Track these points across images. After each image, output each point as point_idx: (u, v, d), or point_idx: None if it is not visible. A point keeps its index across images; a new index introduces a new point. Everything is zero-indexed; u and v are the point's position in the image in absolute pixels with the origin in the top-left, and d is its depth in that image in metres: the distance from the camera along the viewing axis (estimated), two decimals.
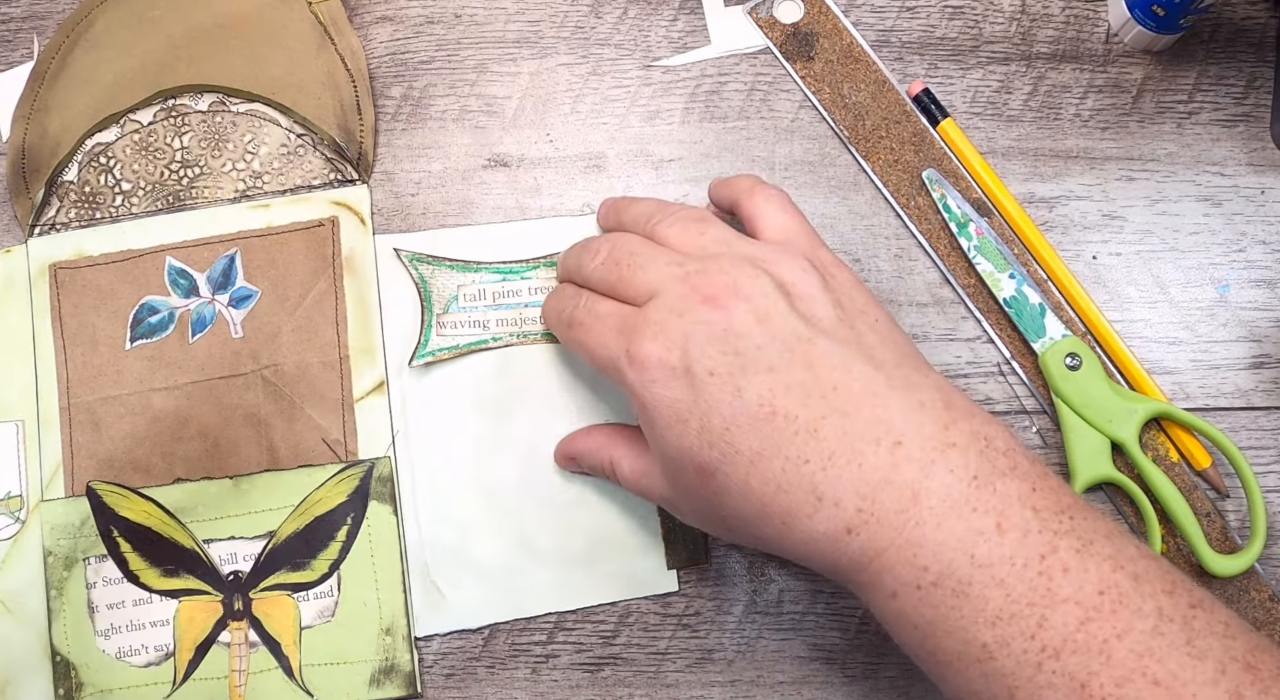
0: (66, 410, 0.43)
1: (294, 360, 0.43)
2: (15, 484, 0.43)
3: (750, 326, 0.32)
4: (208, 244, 0.44)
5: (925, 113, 0.45)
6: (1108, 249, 0.44)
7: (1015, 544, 0.30)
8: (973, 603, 0.30)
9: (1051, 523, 0.30)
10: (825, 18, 0.46)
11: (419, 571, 0.42)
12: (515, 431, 0.43)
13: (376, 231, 0.45)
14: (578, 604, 0.42)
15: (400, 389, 0.43)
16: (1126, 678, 0.28)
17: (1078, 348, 0.41)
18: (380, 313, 0.44)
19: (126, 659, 0.41)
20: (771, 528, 0.32)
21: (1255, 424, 0.42)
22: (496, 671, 0.42)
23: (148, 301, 0.44)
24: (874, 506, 0.31)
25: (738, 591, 0.42)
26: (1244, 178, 0.44)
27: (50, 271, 0.44)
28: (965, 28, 0.46)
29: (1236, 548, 0.41)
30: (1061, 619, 0.29)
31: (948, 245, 0.44)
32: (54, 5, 0.48)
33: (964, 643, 0.30)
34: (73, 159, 0.45)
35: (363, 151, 0.45)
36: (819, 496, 0.31)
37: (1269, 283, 0.43)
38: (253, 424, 0.43)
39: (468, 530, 0.42)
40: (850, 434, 0.31)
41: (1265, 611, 0.40)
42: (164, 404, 0.43)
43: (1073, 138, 0.45)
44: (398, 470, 0.42)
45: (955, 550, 0.30)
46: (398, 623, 0.41)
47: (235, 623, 0.42)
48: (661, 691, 0.41)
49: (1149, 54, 0.46)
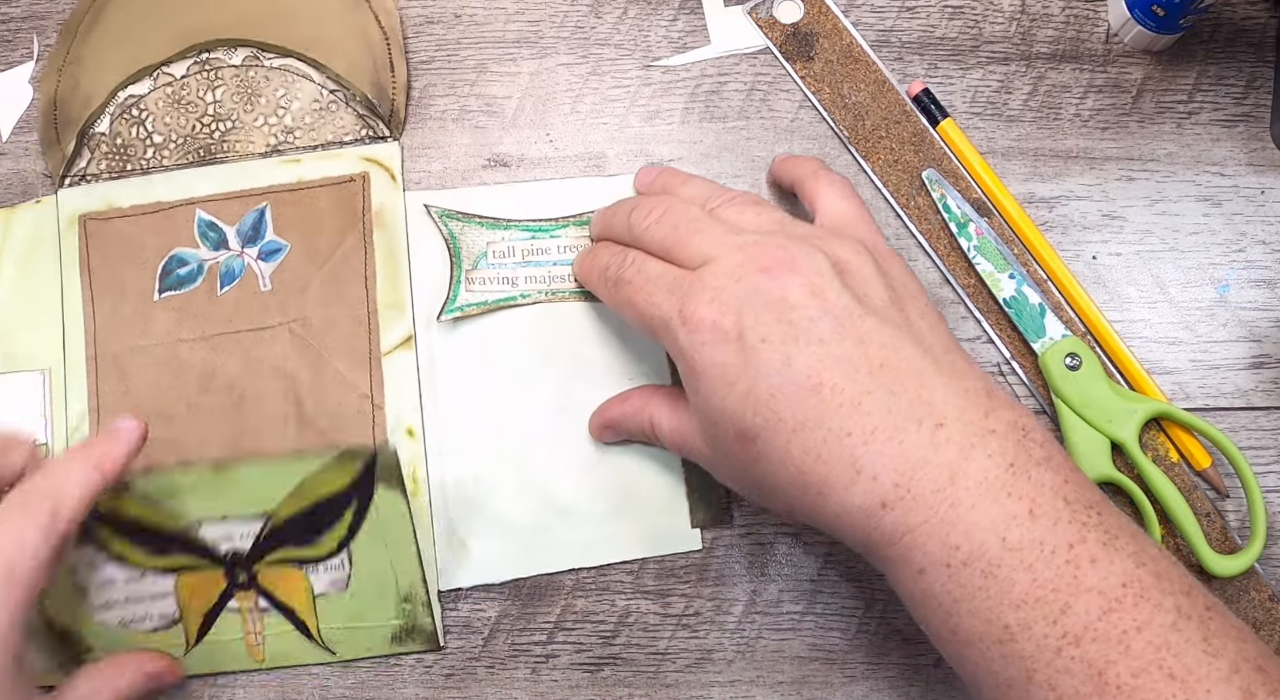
0: (93, 360, 0.44)
1: (322, 314, 0.43)
2: (42, 432, 0.43)
3: (804, 299, 0.33)
4: (238, 197, 0.45)
5: (925, 113, 0.45)
6: (1108, 249, 0.44)
7: (1046, 530, 0.30)
8: (1000, 584, 0.30)
9: (1081, 515, 0.31)
10: (825, 18, 0.46)
11: (443, 525, 0.42)
12: (542, 389, 0.43)
13: (407, 188, 0.45)
14: (601, 561, 0.42)
15: (428, 344, 0.43)
16: (1143, 669, 0.28)
17: (1078, 348, 0.41)
18: (409, 268, 0.44)
19: (133, 626, 0.41)
20: (808, 497, 0.32)
21: (1255, 424, 0.42)
22: (496, 671, 0.42)
23: (177, 253, 0.44)
24: (911, 483, 0.31)
25: (738, 591, 0.42)
26: (1244, 178, 0.44)
27: (80, 222, 0.45)
28: (965, 28, 0.46)
29: (1236, 548, 0.41)
30: (1084, 607, 0.29)
31: (948, 245, 0.44)
32: (54, 5, 0.48)
33: (987, 623, 0.30)
34: (105, 111, 0.46)
35: (394, 108, 0.45)
36: (858, 469, 0.31)
37: (1269, 283, 0.43)
38: (280, 377, 0.43)
39: (493, 486, 0.42)
40: (894, 412, 0.32)
41: (1265, 611, 0.40)
42: (191, 355, 0.43)
43: (1073, 138, 0.45)
44: (425, 424, 0.43)
45: (987, 532, 0.30)
46: (416, 591, 0.41)
47: (242, 592, 0.41)
48: (661, 691, 0.41)
49: (1149, 54, 0.46)
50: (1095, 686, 0.29)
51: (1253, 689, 0.28)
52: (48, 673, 0.41)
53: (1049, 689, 0.29)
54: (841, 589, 0.42)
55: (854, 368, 0.32)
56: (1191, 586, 0.31)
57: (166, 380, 0.43)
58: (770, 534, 0.42)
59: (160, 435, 0.43)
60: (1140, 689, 0.28)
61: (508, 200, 0.45)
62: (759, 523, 0.42)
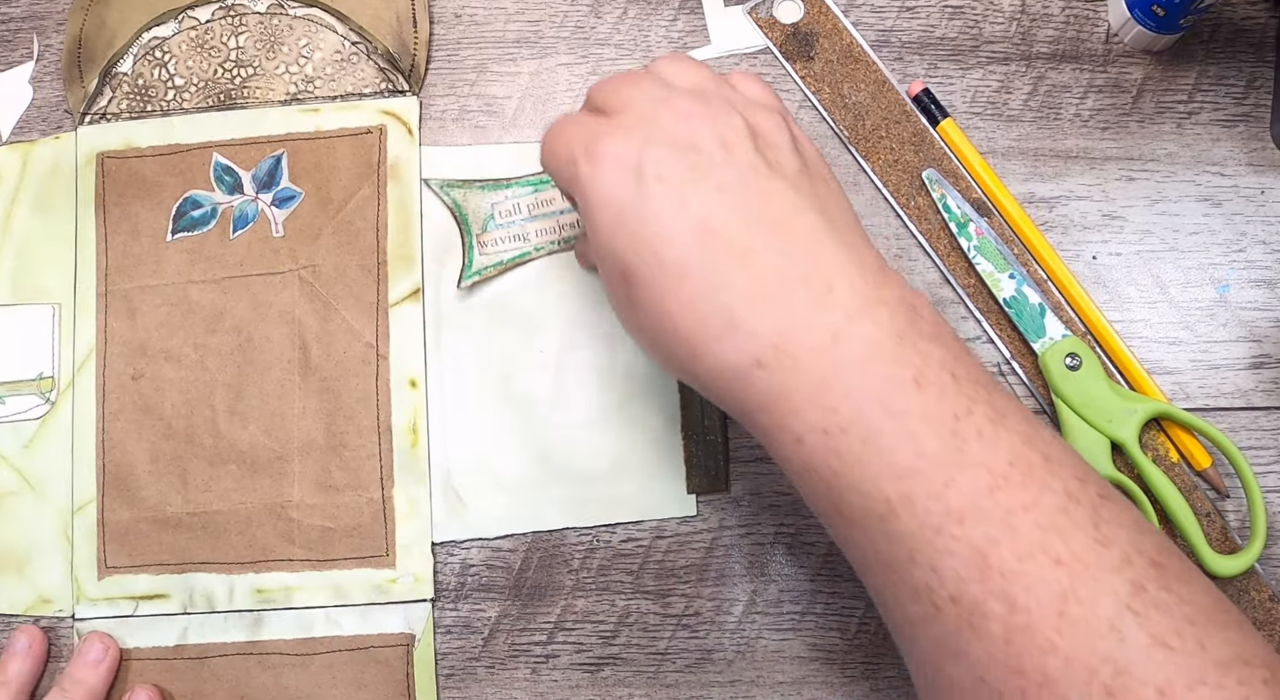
0: (103, 296, 0.44)
1: (332, 262, 0.44)
2: (48, 365, 0.44)
3: (712, 147, 0.31)
4: (255, 143, 0.45)
5: (925, 113, 0.45)
6: (1108, 249, 0.44)
7: (931, 401, 0.29)
8: (880, 453, 0.28)
9: (969, 390, 0.29)
10: (825, 18, 0.46)
11: (440, 478, 0.42)
12: (545, 346, 0.43)
13: (423, 144, 0.45)
14: (596, 521, 0.42)
15: (436, 297, 0.44)
16: (1029, 553, 0.27)
17: (1077, 348, 0.41)
18: (421, 222, 0.44)
19: None
20: (683, 350, 0.31)
21: (1255, 424, 0.42)
22: (496, 671, 0.42)
23: (191, 195, 0.45)
24: (789, 343, 0.29)
25: (737, 591, 0.42)
26: (1244, 178, 0.44)
27: (98, 160, 0.45)
28: (965, 28, 0.46)
29: (1236, 548, 0.41)
30: (970, 482, 0.28)
31: (948, 245, 0.44)
32: (54, 5, 0.48)
33: (868, 496, 0.29)
34: (128, 51, 0.46)
35: (415, 64, 0.46)
36: (734, 324, 0.30)
37: (1269, 283, 0.43)
38: (287, 321, 0.43)
39: (492, 441, 0.43)
40: (783, 270, 0.30)
41: (1265, 611, 0.40)
42: (200, 296, 0.44)
43: (1073, 138, 0.45)
44: (428, 376, 0.43)
45: (868, 396, 0.29)
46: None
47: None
48: (661, 691, 0.41)
49: (1149, 54, 0.46)
50: (978, 570, 0.27)
51: (1144, 582, 0.27)
52: None
53: (931, 571, 0.28)
54: (841, 589, 0.42)
55: (749, 220, 0.30)
56: (1087, 474, 0.29)
57: (176, 320, 0.44)
58: (770, 534, 0.42)
59: (167, 375, 0.43)
60: (1024, 574, 0.27)
61: (515, 158, 0.45)
62: (759, 523, 0.42)
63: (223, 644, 0.42)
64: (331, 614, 0.42)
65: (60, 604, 0.42)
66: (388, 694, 0.41)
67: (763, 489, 0.42)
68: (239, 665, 0.42)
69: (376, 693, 0.41)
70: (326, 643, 0.41)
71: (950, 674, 0.28)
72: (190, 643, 0.42)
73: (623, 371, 0.43)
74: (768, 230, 0.31)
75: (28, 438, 0.44)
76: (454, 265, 0.44)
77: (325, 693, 0.41)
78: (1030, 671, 0.26)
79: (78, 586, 0.42)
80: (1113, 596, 0.26)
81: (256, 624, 0.42)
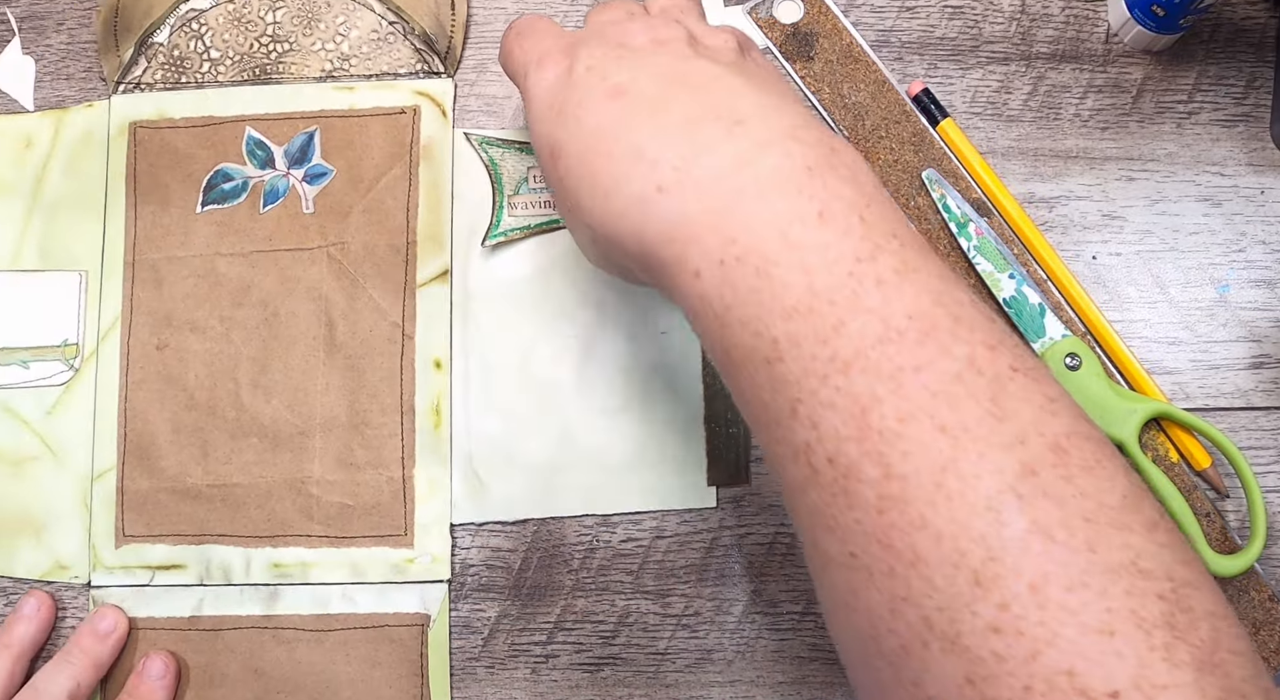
0: (131, 266, 0.44)
1: (361, 240, 0.44)
2: (73, 332, 0.44)
3: (644, 43, 0.32)
4: (289, 119, 0.45)
5: (925, 113, 0.45)
6: (1107, 249, 0.44)
7: (834, 236, 0.27)
8: (773, 287, 0.27)
9: (877, 237, 0.27)
10: (825, 18, 0.46)
11: (462, 459, 0.42)
12: (572, 331, 0.43)
13: (456, 125, 0.45)
14: (615, 509, 0.42)
15: (464, 279, 0.44)
16: (911, 414, 0.25)
17: (1077, 348, 0.41)
18: (452, 203, 0.44)
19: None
20: (597, 201, 0.30)
21: (1255, 424, 0.42)
22: (496, 671, 0.42)
23: (223, 168, 0.45)
24: (692, 167, 0.28)
25: (737, 591, 0.42)
26: (1244, 178, 0.44)
27: (130, 129, 0.46)
28: (965, 28, 0.46)
29: (1236, 548, 0.41)
30: (859, 329, 0.26)
31: (948, 245, 0.44)
32: (54, 5, 0.48)
33: (756, 336, 0.27)
34: (165, 22, 0.46)
35: (451, 45, 0.46)
36: (639, 155, 0.29)
37: (1269, 283, 0.43)
38: (314, 298, 0.44)
39: (514, 424, 0.43)
40: (695, 107, 0.30)
41: (1265, 611, 0.40)
42: (228, 269, 0.44)
43: (1073, 138, 0.45)
44: (453, 358, 0.43)
45: (768, 225, 0.27)
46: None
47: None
48: (661, 691, 0.41)
49: (1149, 54, 0.46)
50: (857, 427, 0.25)
51: (1037, 467, 0.24)
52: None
53: (811, 426, 0.26)
54: None
55: (667, 79, 0.31)
56: (1002, 343, 0.26)
57: (202, 292, 0.44)
58: (770, 534, 0.42)
59: (191, 346, 0.43)
60: (904, 437, 0.25)
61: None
62: (759, 522, 0.42)
63: (238, 617, 0.42)
64: (348, 591, 0.42)
65: (76, 571, 0.43)
66: (401, 673, 0.41)
67: (763, 489, 0.42)
68: (253, 638, 0.42)
69: (390, 671, 0.41)
70: (342, 620, 0.42)
71: (825, 549, 0.27)
72: (205, 614, 0.42)
73: (647, 360, 0.43)
74: (683, 87, 0.30)
75: (50, 404, 0.44)
76: (485, 248, 0.44)
77: (339, 669, 0.41)
78: (900, 547, 0.24)
79: (95, 554, 0.42)
80: (997, 475, 0.24)
81: (272, 598, 0.42)
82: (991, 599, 0.23)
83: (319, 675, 0.41)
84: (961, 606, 0.23)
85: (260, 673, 0.41)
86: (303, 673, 0.41)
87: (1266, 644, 0.40)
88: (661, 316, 0.43)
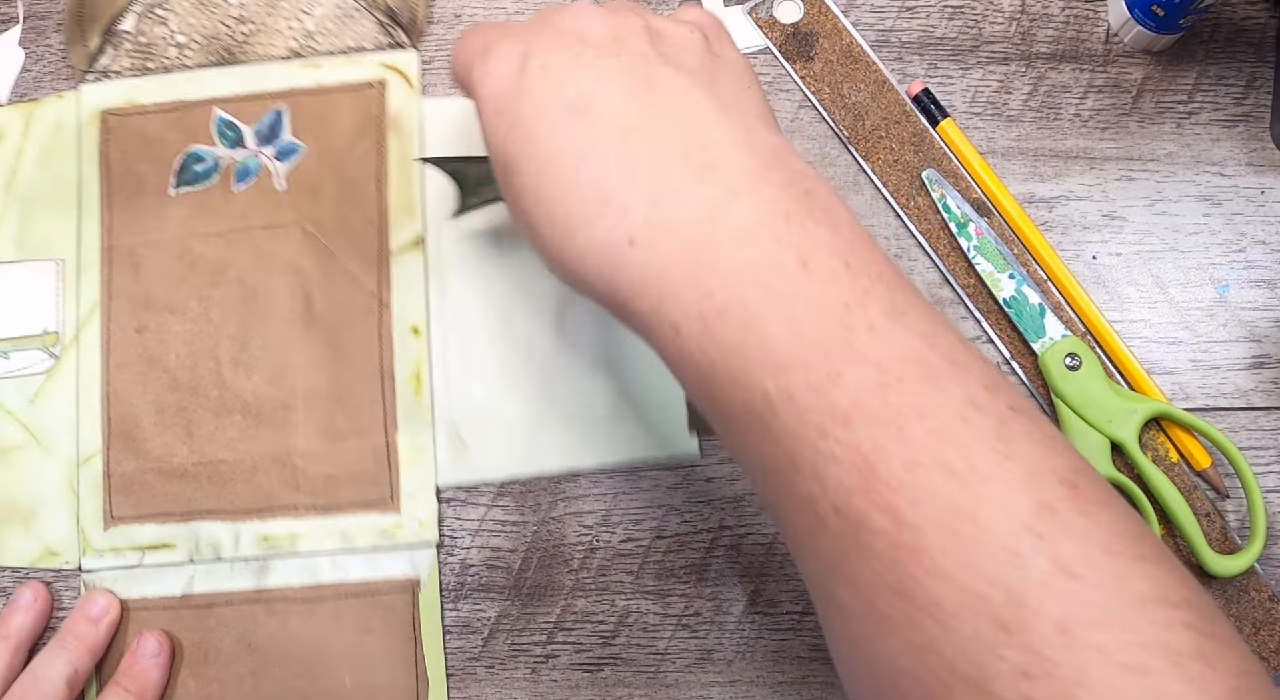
0: (108, 252, 0.45)
1: (334, 214, 0.44)
2: (53, 321, 0.44)
3: (601, 39, 0.30)
4: (257, 99, 0.46)
5: (925, 113, 0.45)
6: (1107, 249, 0.44)
7: (818, 284, 0.26)
8: (759, 340, 0.26)
9: (864, 281, 0.26)
10: (825, 18, 0.46)
11: (445, 424, 0.43)
12: (546, 290, 0.44)
13: (424, 96, 0.46)
14: (599, 462, 0.42)
15: (438, 245, 0.44)
16: (917, 461, 0.24)
17: (1077, 348, 0.41)
18: (423, 172, 0.45)
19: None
20: (556, 235, 0.29)
21: (1255, 424, 0.42)
22: (496, 672, 0.42)
23: (194, 150, 0.45)
24: (664, 218, 0.27)
25: (737, 591, 0.42)
26: (1244, 178, 0.44)
27: (100, 118, 0.46)
28: (965, 28, 0.46)
29: (1236, 548, 0.41)
30: (856, 379, 0.25)
31: (948, 245, 0.44)
32: (53, 4, 0.48)
33: (746, 390, 0.26)
34: (130, 9, 0.46)
35: (415, 17, 0.46)
36: (606, 200, 0.28)
37: (1269, 283, 0.43)
38: (290, 273, 0.44)
39: (494, 385, 0.43)
40: (662, 145, 0.28)
41: (1265, 611, 0.40)
42: (204, 249, 0.44)
43: (1073, 138, 0.45)
44: (430, 323, 0.44)
45: (747, 277, 0.26)
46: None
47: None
48: (661, 691, 0.41)
49: (1149, 54, 0.46)
50: (862, 478, 0.24)
51: (1053, 503, 0.23)
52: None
53: (814, 478, 0.25)
54: None
55: (629, 99, 0.29)
56: (998, 385, 0.26)
57: (180, 273, 0.44)
58: (770, 534, 0.42)
59: (171, 328, 0.44)
60: (912, 485, 0.24)
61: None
62: (759, 522, 0.42)
63: (229, 592, 0.42)
64: (337, 560, 0.42)
65: (67, 556, 0.43)
66: (394, 638, 0.41)
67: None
68: (245, 612, 0.42)
69: (383, 637, 0.41)
70: (332, 588, 0.42)
71: (837, 597, 0.26)
72: (197, 592, 0.42)
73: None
74: (648, 110, 0.29)
75: (33, 393, 0.44)
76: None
77: (332, 637, 0.41)
78: (918, 596, 0.23)
79: (84, 538, 0.43)
80: (1013, 516, 0.23)
81: (262, 571, 0.42)
82: (1019, 642, 0.22)
83: (312, 645, 0.41)
84: (987, 652, 0.23)
85: (254, 646, 0.41)
86: (296, 644, 0.41)
87: (1266, 644, 0.40)
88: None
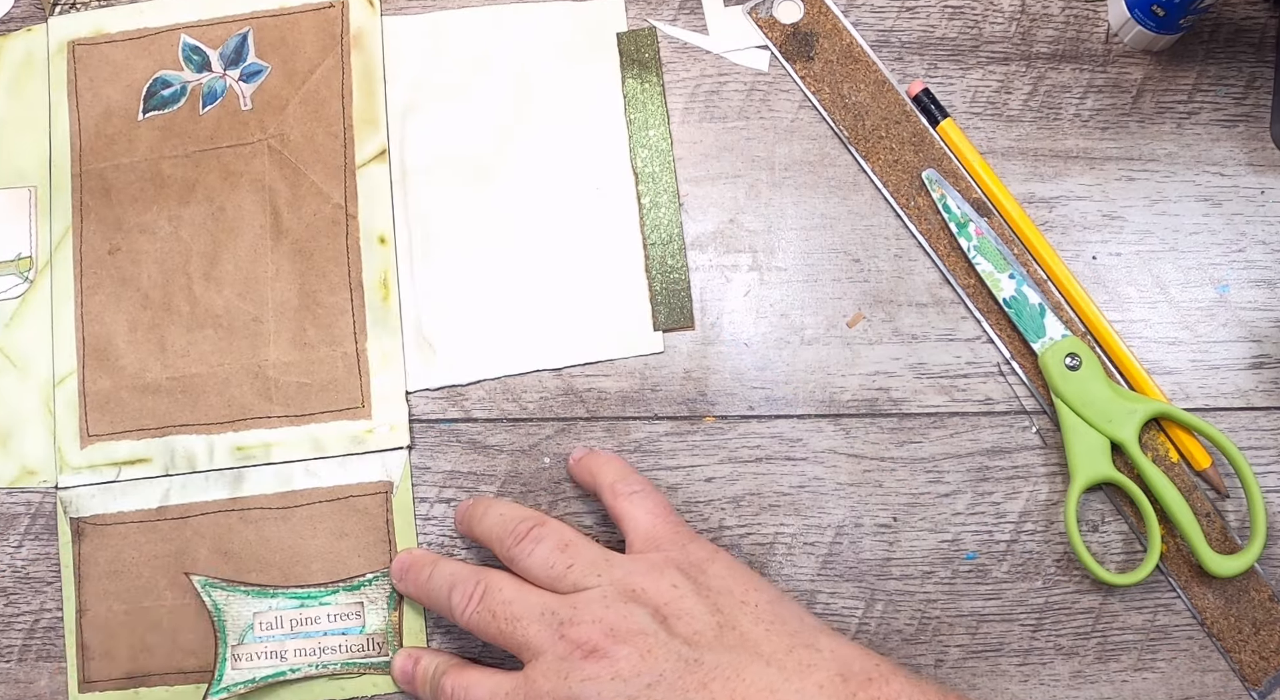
0: (79, 177, 0.46)
1: (300, 130, 0.45)
2: (26, 246, 0.45)
3: (636, 667, 0.33)
4: (221, 23, 0.47)
5: (925, 113, 0.45)
6: (1107, 249, 0.44)
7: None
8: None
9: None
10: (825, 18, 0.46)
11: (412, 328, 0.44)
12: (508, 193, 0.45)
13: (385, 14, 0.46)
14: (566, 362, 0.43)
15: (400, 155, 0.45)
16: None
17: (1077, 348, 0.41)
18: (385, 87, 0.46)
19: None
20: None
21: (1255, 424, 0.42)
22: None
23: (161, 76, 0.46)
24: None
25: None
26: (1244, 178, 0.44)
27: (69, 48, 0.47)
28: (965, 28, 0.46)
29: (1236, 548, 0.41)
30: None
31: (947, 245, 0.44)
32: None
33: None
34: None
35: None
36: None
37: (1269, 283, 0.43)
38: (258, 189, 0.45)
39: (460, 290, 0.44)
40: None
41: (1265, 611, 0.40)
42: (173, 171, 0.45)
43: (1073, 138, 0.45)
44: (395, 232, 0.44)
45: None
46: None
47: None
48: None
49: (1149, 54, 0.46)
50: None
51: None
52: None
53: None
54: (841, 589, 0.42)
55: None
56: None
57: (149, 195, 0.45)
58: (770, 534, 0.42)
59: (142, 247, 0.45)
60: None
61: (487, 26, 0.46)
62: (759, 522, 0.42)
63: (205, 502, 0.43)
64: (310, 466, 0.43)
65: (44, 475, 0.43)
66: (368, 540, 0.42)
67: (763, 489, 0.42)
68: (221, 522, 0.42)
69: (357, 540, 0.42)
70: (306, 495, 0.42)
71: None
72: (173, 504, 0.43)
73: (585, 217, 0.44)
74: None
75: (8, 317, 0.45)
76: (419, 125, 0.45)
77: (307, 543, 0.42)
78: None
79: (60, 456, 0.43)
80: None
81: (237, 481, 0.43)
82: None
83: (288, 550, 0.42)
84: None
85: (230, 554, 0.42)
86: (271, 549, 0.42)
87: (1266, 644, 0.40)
88: (595, 173, 0.44)
